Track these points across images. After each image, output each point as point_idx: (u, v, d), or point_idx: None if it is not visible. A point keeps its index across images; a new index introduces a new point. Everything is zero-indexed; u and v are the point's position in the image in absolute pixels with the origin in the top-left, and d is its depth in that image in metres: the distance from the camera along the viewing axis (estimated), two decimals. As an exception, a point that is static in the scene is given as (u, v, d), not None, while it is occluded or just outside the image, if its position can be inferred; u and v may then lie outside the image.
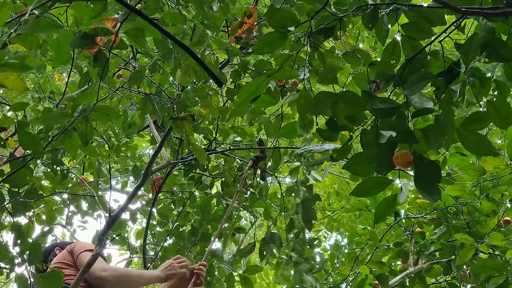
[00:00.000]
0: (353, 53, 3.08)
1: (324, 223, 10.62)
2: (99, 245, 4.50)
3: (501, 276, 4.55)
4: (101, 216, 7.49)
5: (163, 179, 6.18)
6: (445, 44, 4.39)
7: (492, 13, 2.87)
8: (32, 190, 4.06)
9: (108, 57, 3.23)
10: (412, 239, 7.20)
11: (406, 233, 7.33)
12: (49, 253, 5.16)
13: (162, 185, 6.15)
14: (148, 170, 5.15)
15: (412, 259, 7.10)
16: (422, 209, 6.90)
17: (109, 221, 4.79)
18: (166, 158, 5.74)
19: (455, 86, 2.97)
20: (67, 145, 3.38)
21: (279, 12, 3.05)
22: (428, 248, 7.24)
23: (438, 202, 6.41)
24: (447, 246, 6.70)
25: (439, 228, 6.72)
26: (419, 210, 6.94)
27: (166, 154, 5.80)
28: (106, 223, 4.88)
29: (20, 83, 2.85)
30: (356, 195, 3.11)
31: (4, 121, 3.15)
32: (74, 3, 3.13)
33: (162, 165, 5.71)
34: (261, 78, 3.13)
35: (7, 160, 4.04)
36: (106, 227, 4.89)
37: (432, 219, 6.89)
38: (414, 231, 7.23)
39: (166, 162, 5.70)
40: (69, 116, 3.32)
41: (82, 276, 4.43)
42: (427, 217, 6.95)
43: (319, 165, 4.11)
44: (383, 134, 2.79)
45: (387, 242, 7.44)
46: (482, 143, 2.86)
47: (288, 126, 3.48)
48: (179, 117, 4.40)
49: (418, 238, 7.26)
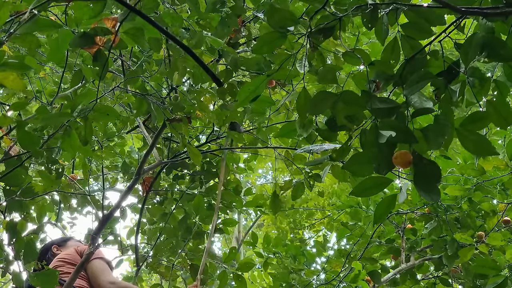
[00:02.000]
0: (353, 53, 3.07)
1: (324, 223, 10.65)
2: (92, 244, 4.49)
3: (500, 276, 4.56)
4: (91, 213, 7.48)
5: (153, 178, 6.19)
6: (445, 44, 4.39)
7: (492, 13, 2.88)
8: (28, 189, 4.04)
9: (107, 57, 3.22)
10: (403, 235, 7.23)
11: (397, 230, 7.35)
12: (46, 251, 5.14)
13: (152, 184, 6.15)
14: (140, 170, 5.15)
15: (404, 255, 7.13)
16: (413, 205, 6.91)
17: (103, 220, 4.77)
18: (157, 158, 5.74)
19: (455, 86, 2.98)
20: (66, 144, 3.36)
21: (279, 12, 3.05)
22: (419, 245, 7.27)
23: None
24: (437, 242, 6.72)
25: (430, 223, 6.73)
26: (410, 206, 6.96)
27: (157, 154, 5.80)
28: (100, 222, 4.87)
29: (19, 82, 2.84)
30: (356, 195, 3.12)
31: (3, 120, 3.14)
32: (74, 3, 3.12)
33: (154, 164, 5.72)
34: (261, 78, 3.13)
35: (2, 159, 4.01)
36: (100, 226, 4.88)
37: (423, 214, 6.91)
38: (406, 227, 7.25)
39: (157, 162, 5.70)
40: (68, 116, 3.30)
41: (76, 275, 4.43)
42: (418, 213, 6.97)
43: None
44: (383, 134, 2.79)
45: (378, 238, 7.46)
46: (482, 143, 2.87)
47: (287, 126, 3.48)
48: (176, 118, 4.39)
49: (410, 234, 7.29)
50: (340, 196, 9.75)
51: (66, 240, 5.40)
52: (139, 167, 5.16)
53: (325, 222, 10.42)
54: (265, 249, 8.60)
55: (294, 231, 10.63)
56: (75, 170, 7.31)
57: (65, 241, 5.38)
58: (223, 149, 6.04)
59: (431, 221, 6.79)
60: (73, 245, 5.13)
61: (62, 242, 5.33)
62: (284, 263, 8.30)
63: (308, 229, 11.69)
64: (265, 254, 8.52)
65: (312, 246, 10.22)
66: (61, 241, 5.35)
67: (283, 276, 8.17)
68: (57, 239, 5.58)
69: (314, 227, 11.40)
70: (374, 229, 7.28)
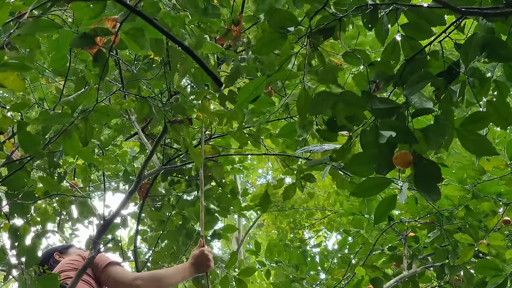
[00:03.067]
0: (353, 53, 3.07)
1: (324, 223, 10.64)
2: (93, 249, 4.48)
3: (500, 277, 4.56)
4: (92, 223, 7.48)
5: (149, 184, 6.19)
6: (445, 44, 4.39)
7: (492, 13, 2.88)
8: (29, 192, 4.04)
9: (107, 58, 3.22)
10: (405, 243, 7.22)
11: (399, 238, 7.34)
12: (48, 258, 5.12)
13: (148, 190, 6.16)
14: (141, 176, 5.15)
15: (406, 263, 7.12)
16: (416, 213, 6.90)
17: (102, 226, 4.76)
18: (157, 164, 5.74)
19: (455, 86, 2.98)
20: (67, 146, 3.36)
21: (279, 13, 3.05)
22: (421, 253, 7.26)
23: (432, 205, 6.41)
24: (440, 251, 6.70)
25: (433, 232, 6.72)
26: (413, 215, 6.94)
27: (157, 160, 5.80)
28: (99, 228, 4.85)
29: (20, 83, 2.84)
30: (356, 196, 3.12)
31: (3, 121, 3.14)
32: (74, 3, 3.13)
33: (154, 170, 5.72)
34: (261, 78, 3.14)
35: (4, 162, 4.02)
36: (100, 231, 4.87)
37: (425, 223, 6.90)
38: (408, 235, 7.24)
39: (158, 167, 5.70)
40: (69, 117, 3.31)
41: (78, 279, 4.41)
42: (420, 221, 6.96)
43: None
44: (383, 134, 2.79)
45: (381, 246, 7.46)
46: (482, 143, 2.87)
47: (287, 127, 3.48)
48: (177, 120, 4.39)
49: (412, 242, 7.28)
50: (342, 201, 9.74)
51: (68, 248, 5.38)
52: (140, 172, 5.16)
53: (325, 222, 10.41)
54: (267, 258, 8.60)
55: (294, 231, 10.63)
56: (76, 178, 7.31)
57: (67, 248, 5.37)
58: (221, 155, 6.07)
59: (433, 230, 6.77)
60: (75, 252, 5.12)
61: (64, 249, 5.31)
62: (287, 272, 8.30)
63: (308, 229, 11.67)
64: (267, 263, 8.53)
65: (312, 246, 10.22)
66: (63, 248, 5.33)
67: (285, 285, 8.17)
68: (59, 246, 5.56)
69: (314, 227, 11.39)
70: (377, 238, 7.27)
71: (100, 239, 4.80)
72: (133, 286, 4.56)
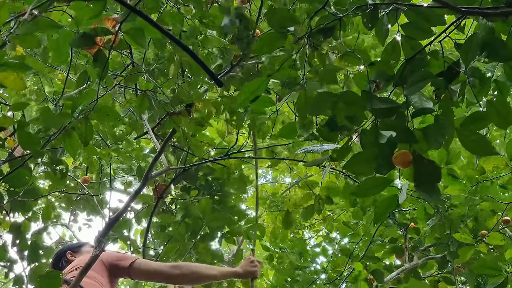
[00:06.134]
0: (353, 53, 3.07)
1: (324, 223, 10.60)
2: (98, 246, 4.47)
3: (500, 276, 4.55)
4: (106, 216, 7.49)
5: (166, 185, 6.20)
6: (445, 44, 4.39)
7: (492, 13, 2.88)
8: (31, 189, 4.04)
9: (108, 57, 3.22)
10: (406, 234, 7.21)
11: (401, 229, 7.34)
12: (60, 258, 5.11)
13: (164, 191, 6.16)
14: (148, 175, 5.15)
15: (407, 254, 7.13)
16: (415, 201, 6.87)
17: (108, 223, 4.76)
18: (165, 164, 5.74)
19: (455, 86, 2.98)
20: (67, 145, 3.37)
21: (279, 12, 3.05)
22: (423, 244, 7.26)
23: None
24: (441, 239, 6.69)
25: (431, 219, 6.67)
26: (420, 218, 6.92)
27: (165, 160, 5.80)
28: (105, 225, 4.86)
29: (20, 83, 2.84)
30: (356, 196, 3.12)
31: (4, 120, 3.14)
32: (74, 3, 3.13)
33: (162, 170, 5.72)
34: (261, 78, 3.13)
35: (6, 160, 4.02)
36: (106, 229, 4.87)
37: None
38: (409, 227, 7.24)
39: (165, 167, 5.70)
40: (69, 116, 3.31)
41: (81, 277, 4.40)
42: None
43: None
44: (383, 134, 2.79)
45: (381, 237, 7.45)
46: (482, 143, 2.87)
47: (287, 127, 3.47)
48: (175, 112, 4.38)
49: (413, 234, 7.27)
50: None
51: (81, 246, 5.34)
52: (147, 171, 5.16)
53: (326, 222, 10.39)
54: (272, 243, 8.64)
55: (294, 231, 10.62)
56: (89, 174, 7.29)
57: (80, 246, 5.32)
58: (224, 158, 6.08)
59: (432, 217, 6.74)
60: (88, 251, 5.08)
61: (77, 248, 5.27)
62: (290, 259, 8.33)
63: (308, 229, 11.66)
64: (271, 248, 8.57)
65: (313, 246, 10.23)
66: (76, 247, 5.29)
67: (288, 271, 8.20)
68: (72, 244, 5.51)
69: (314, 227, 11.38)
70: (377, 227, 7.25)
71: (105, 237, 4.80)
72: (172, 274, 4.60)
